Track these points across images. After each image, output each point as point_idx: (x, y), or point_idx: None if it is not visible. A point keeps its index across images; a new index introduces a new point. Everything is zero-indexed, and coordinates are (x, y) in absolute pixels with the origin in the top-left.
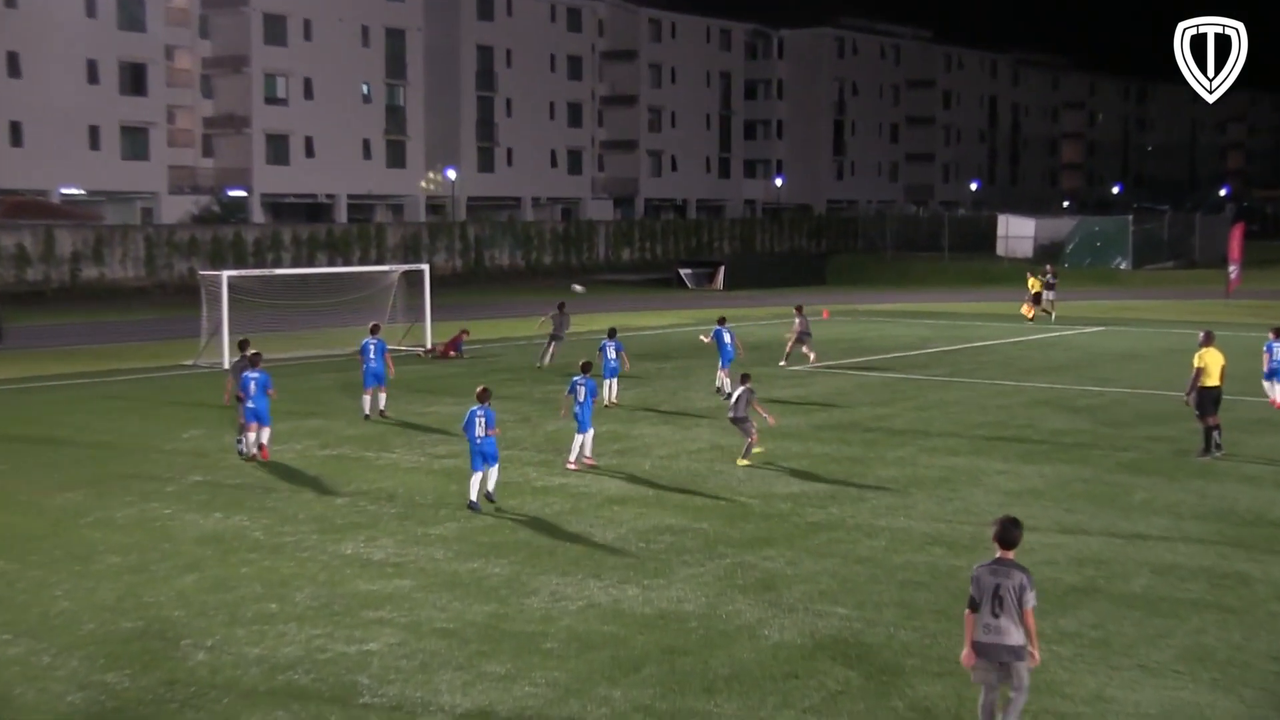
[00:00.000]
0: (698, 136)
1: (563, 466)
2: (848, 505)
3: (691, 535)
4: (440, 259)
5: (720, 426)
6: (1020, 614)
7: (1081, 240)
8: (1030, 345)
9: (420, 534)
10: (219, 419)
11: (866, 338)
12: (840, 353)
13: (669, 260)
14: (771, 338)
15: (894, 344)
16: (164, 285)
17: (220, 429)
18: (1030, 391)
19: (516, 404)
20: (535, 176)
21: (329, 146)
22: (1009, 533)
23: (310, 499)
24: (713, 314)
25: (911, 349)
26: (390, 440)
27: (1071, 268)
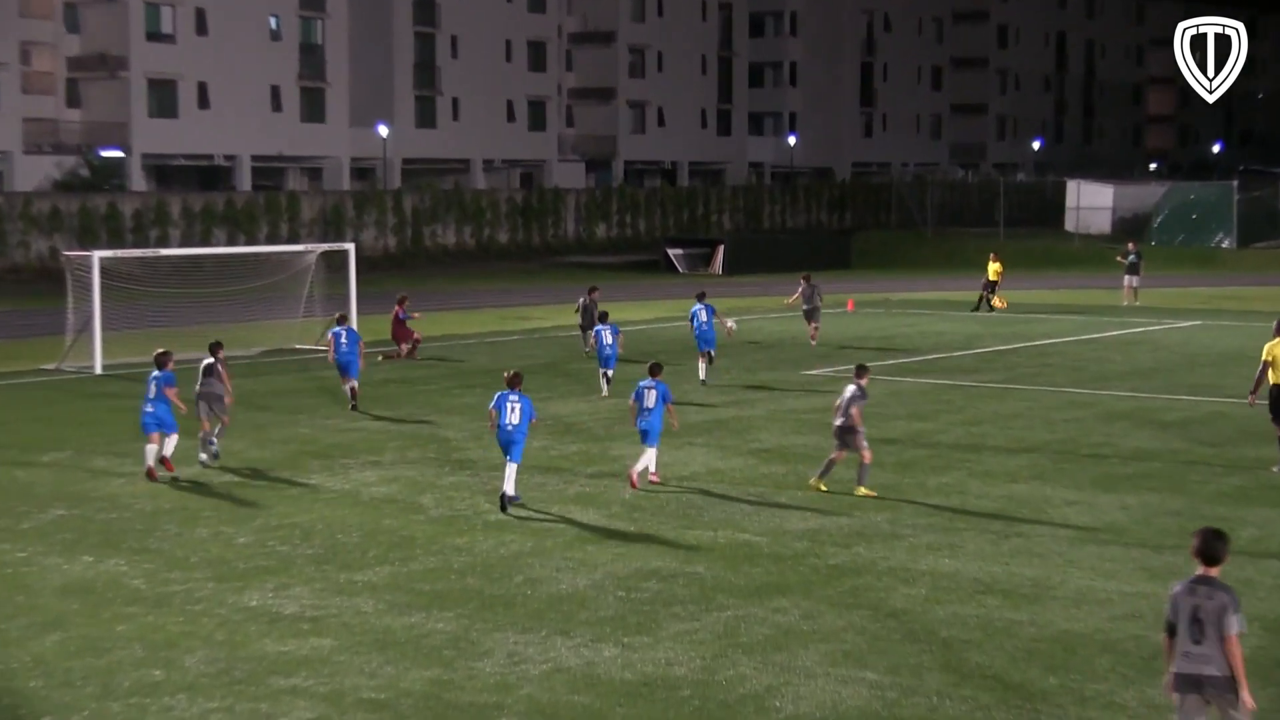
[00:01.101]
0: (691, 83)
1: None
2: (878, 544)
3: (683, 581)
4: (369, 236)
5: (720, 446)
6: (1222, 640)
7: (1172, 212)
8: (1107, 344)
9: (344, 581)
10: (91, 437)
11: (901, 334)
12: (869, 353)
13: (655, 238)
14: (783, 333)
15: (936, 343)
16: (17, 269)
17: (92, 449)
18: (1107, 402)
19: (467, 419)
20: (487, 134)
21: (228, 95)
22: (1211, 546)
23: (204, 538)
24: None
25: (958, 349)
26: (306, 463)
27: (1160, 246)
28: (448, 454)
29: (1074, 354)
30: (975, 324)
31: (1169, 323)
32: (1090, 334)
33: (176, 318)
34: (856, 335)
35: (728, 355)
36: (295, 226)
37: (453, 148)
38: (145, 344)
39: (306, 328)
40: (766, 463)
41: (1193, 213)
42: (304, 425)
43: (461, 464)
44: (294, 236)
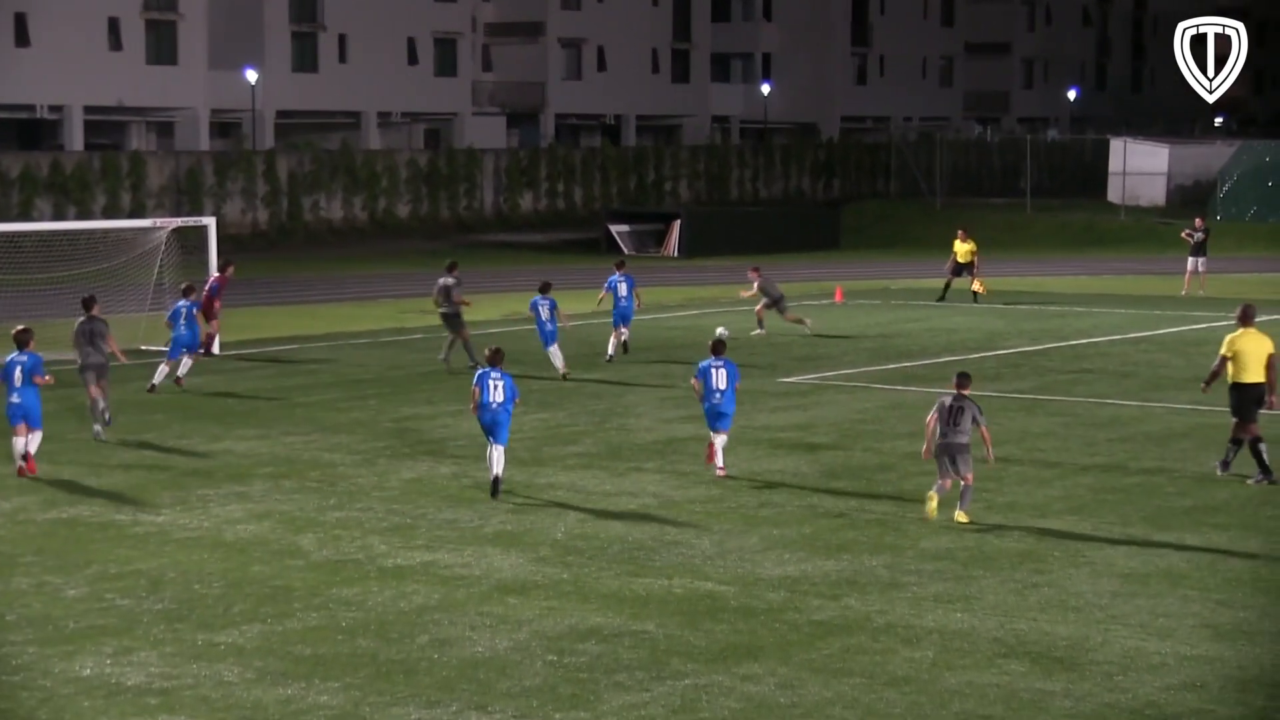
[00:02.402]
0: (639, 16)
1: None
2: (874, 595)
3: (629, 642)
4: (234, 208)
5: (675, 471)
6: None
7: (1243, 178)
8: (1162, 344)
9: (202, 643)
10: None
11: (904, 332)
12: (863, 356)
13: (593, 211)
14: (752, 331)
15: (947, 342)
16: None
17: None
18: (1163, 416)
19: (357, 436)
20: (384, 80)
21: (53, 30)
22: None
23: (24, 589)
24: (667, 296)
25: (975, 349)
26: (154, 495)
27: (1228, 220)
28: (333, 483)
29: (1120, 356)
30: (997, 318)
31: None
32: (1140, 331)
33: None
34: (847, 332)
35: (683, 358)
36: (140, 196)
37: (339, 98)
38: None
39: (155, 323)
40: (734, 493)
41: (1269, 179)
42: (151, 446)
43: (351, 495)
44: (138, 209)
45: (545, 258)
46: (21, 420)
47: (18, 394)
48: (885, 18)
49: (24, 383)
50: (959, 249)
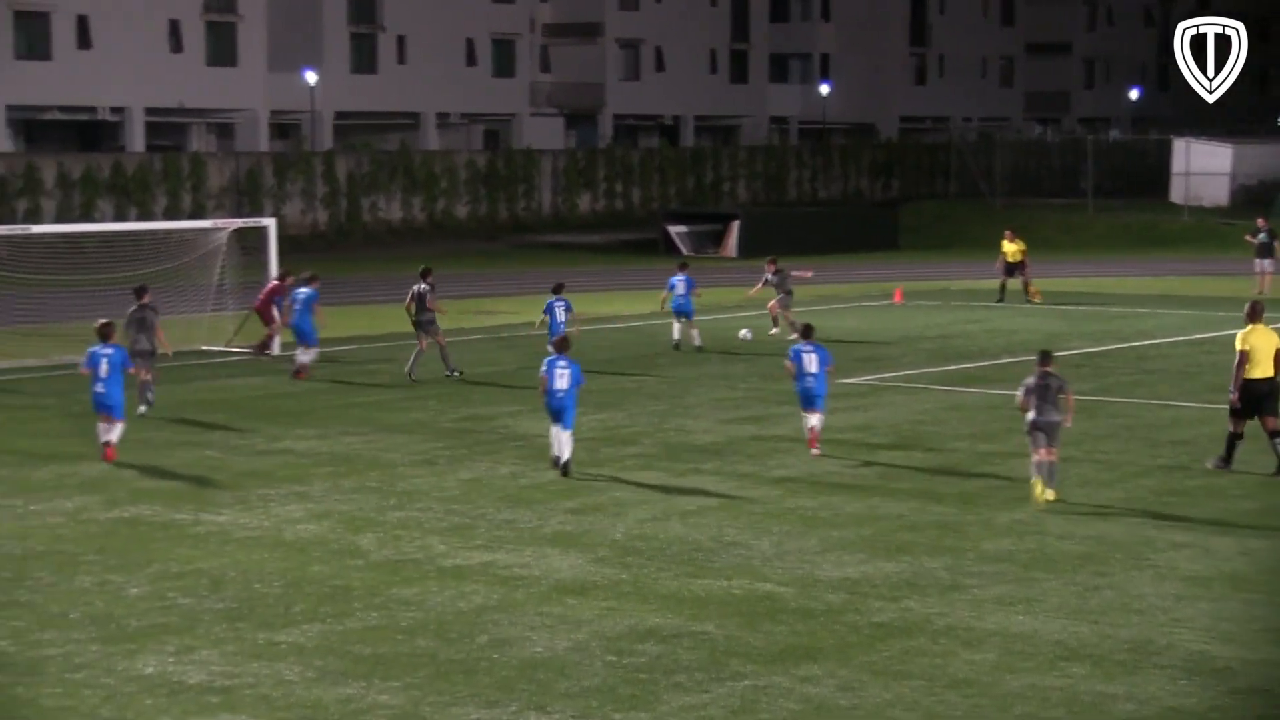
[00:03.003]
0: (698, 17)
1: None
2: (935, 597)
3: (689, 643)
4: (293, 209)
5: (735, 474)
6: None
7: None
8: (1226, 346)
9: (263, 642)
10: None
11: (963, 333)
12: (923, 357)
13: (651, 212)
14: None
15: (1007, 343)
16: None
17: None
18: (1226, 419)
19: (416, 436)
20: (442, 80)
21: (114, 31)
22: None
23: (87, 588)
24: (726, 297)
25: (1035, 351)
26: (215, 495)
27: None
28: (392, 483)
29: (1183, 358)
30: (1058, 319)
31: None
32: (1204, 332)
33: (51, 311)
34: (906, 333)
35: (743, 359)
36: (200, 197)
37: (398, 99)
38: (11, 344)
39: (216, 324)
40: (793, 494)
41: None
42: (212, 447)
43: (410, 495)
44: (199, 210)
45: (602, 258)
46: (106, 410)
47: (103, 384)
48: (945, 17)
49: (110, 374)
50: (1007, 249)
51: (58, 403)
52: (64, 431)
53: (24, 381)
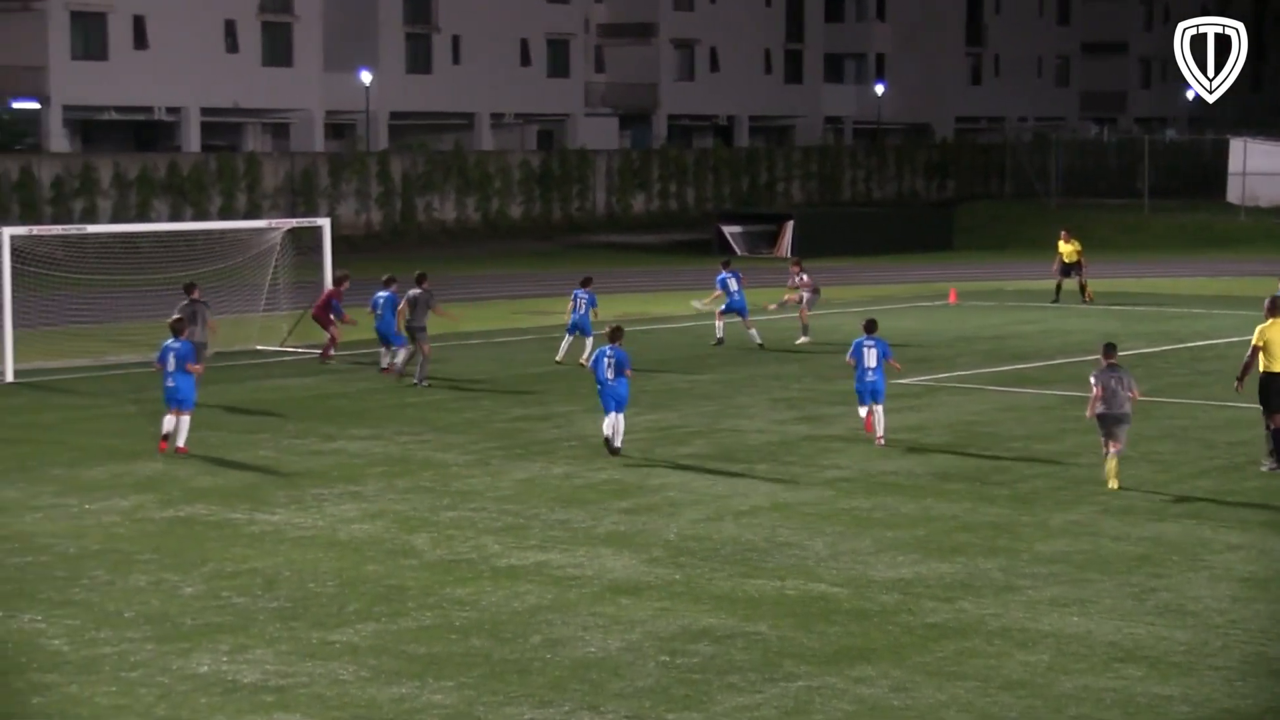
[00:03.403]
0: (752, 17)
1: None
2: (989, 598)
3: (742, 643)
4: (348, 209)
5: (787, 474)
6: None
7: None
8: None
9: (317, 641)
10: (1, 459)
11: (1018, 334)
12: (977, 358)
13: (705, 212)
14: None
15: (1062, 344)
16: None
17: (1, 475)
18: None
19: (470, 436)
20: (496, 81)
21: (170, 32)
22: None
23: (142, 587)
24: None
25: (1090, 351)
26: (270, 494)
27: None
28: (446, 483)
29: (1239, 359)
30: (1113, 320)
31: None
32: None
33: (107, 311)
34: (960, 334)
35: (795, 360)
36: (255, 197)
37: (453, 99)
38: (67, 344)
39: (270, 324)
40: (846, 495)
41: None
42: (266, 446)
43: (464, 495)
44: (254, 209)
45: (656, 259)
46: (176, 404)
47: (172, 378)
48: (1000, 17)
49: (177, 368)
50: (1063, 249)
51: (112, 402)
52: (119, 430)
53: (79, 381)
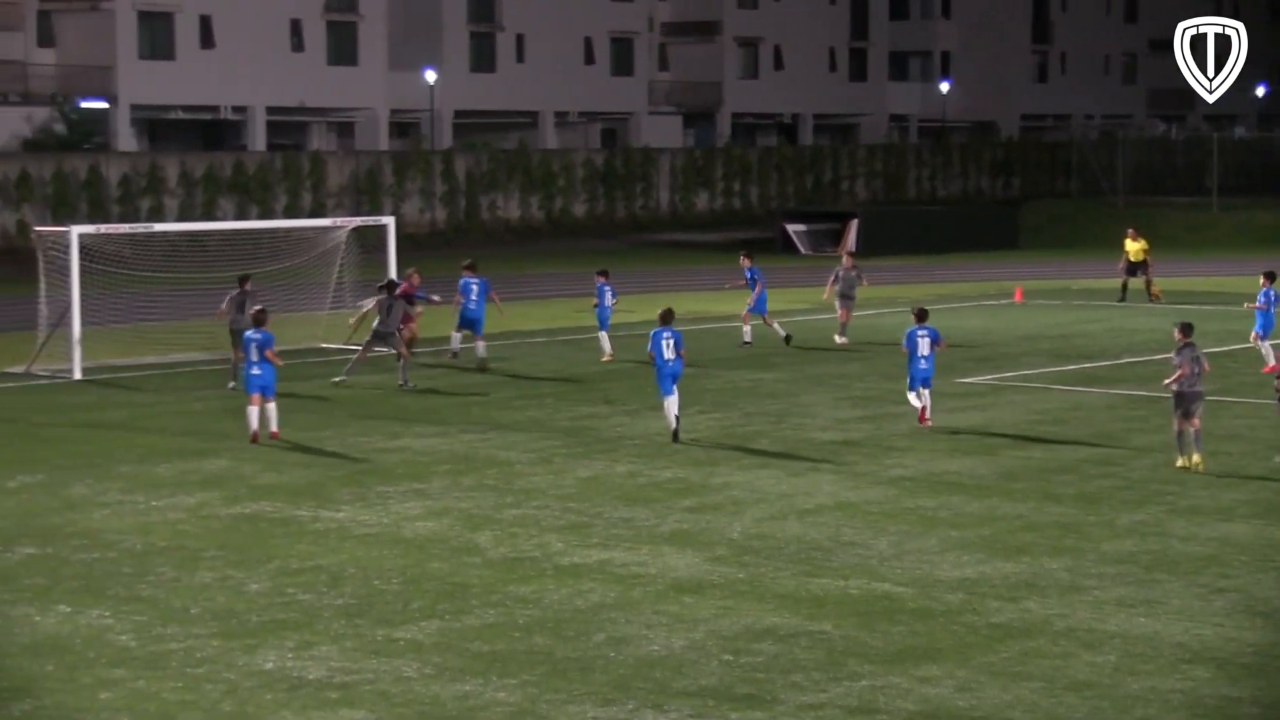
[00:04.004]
0: (816, 15)
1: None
2: (1055, 598)
3: (806, 642)
4: (412, 208)
5: (852, 473)
6: None
7: None
8: None
9: (381, 639)
10: (67, 458)
11: (1084, 333)
12: (1043, 357)
13: (769, 210)
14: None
15: (1129, 343)
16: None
17: (69, 474)
18: None
19: (533, 435)
20: (560, 79)
21: (236, 31)
22: None
23: (208, 583)
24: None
25: (1158, 350)
26: (334, 492)
27: None
28: (510, 481)
29: None
30: (1180, 319)
31: None
32: None
33: (174, 309)
34: (1026, 332)
35: (858, 358)
36: (320, 196)
37: (516, 98)
38: (135, 341)
39: (334, 321)
40: (911, 494)
41: None
42: (331, 443)
43: (527, 493)
44: (319, 208)
45: (719, 257)
46: (259, 390)
47: (257, 367)
48: (1067, 14)
49: (260, 357)
50: (1130, 248)
51: (179, 400)
52: (185, 428)
53: (146, 379)
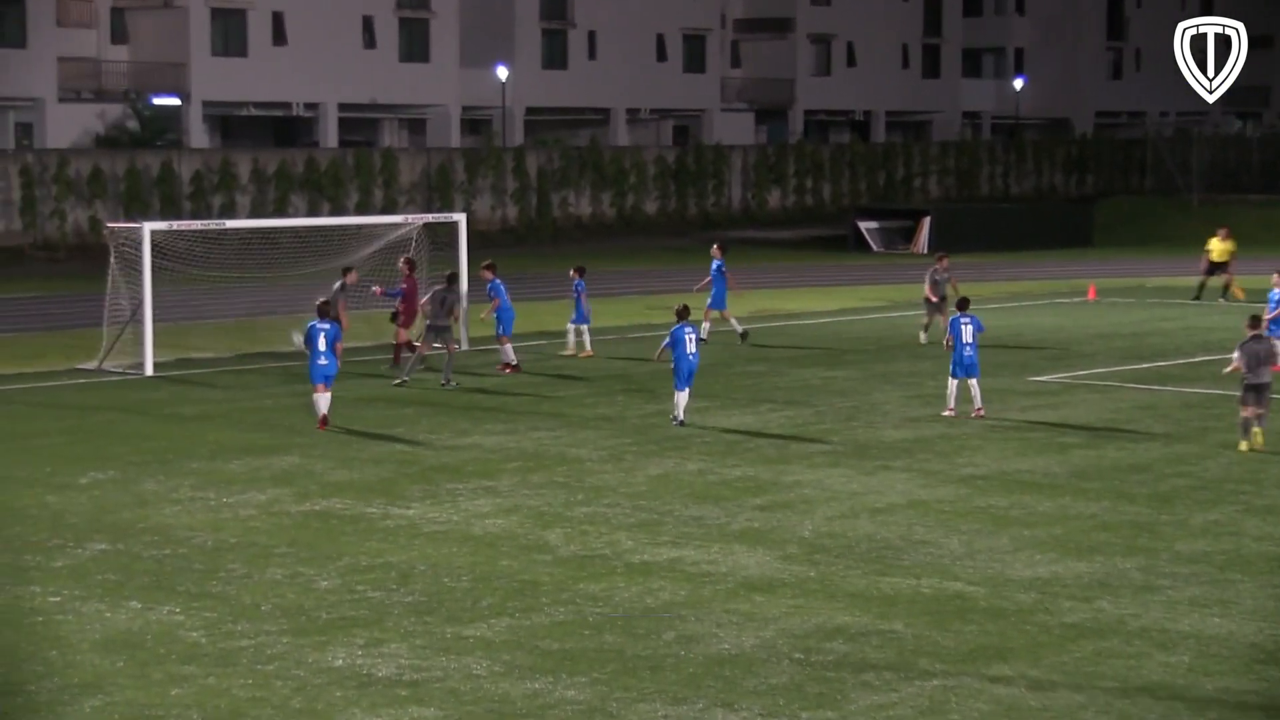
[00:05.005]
0: (889, 11)
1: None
2: (1128, 597)
3: (877, 642)
4: (483, 205)
5: (923, 471)
6: None
7: None
8: None
9: (451, 636)
10: (139, 455)
11: (1158, 331)
12: (1116, 355)
13: (842, 208)
14: (1001, 329)
15: (1204, 342)
16: (50, 244)
17: (140, 470)
18: None
19: (603, 432)
20: (632, 76)
21: (308, 28)
22: None
23: (278, 580)
24: (916, 294)
25: (1233, 349)
26: (404, 489)
27: None
28: (580, 479)
29: None
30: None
31: None
32: None
33: (245, 305)
34: (1100, 331)
35: (929, 356)
36: (392, 192)
37: (588, 94)
38: (206, 338)
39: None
40: (983, 493)
41: None
42: (401, 441)
43: (597, 491)
44: (390, 204)
45: (792, 254)
46: (323, 380)
47: (324, 357)
48: (1141, 10)
49: (327, 348)
50: (1217, 247)
51: (249, 396)
52: (256, 425)
53: (217, 375)
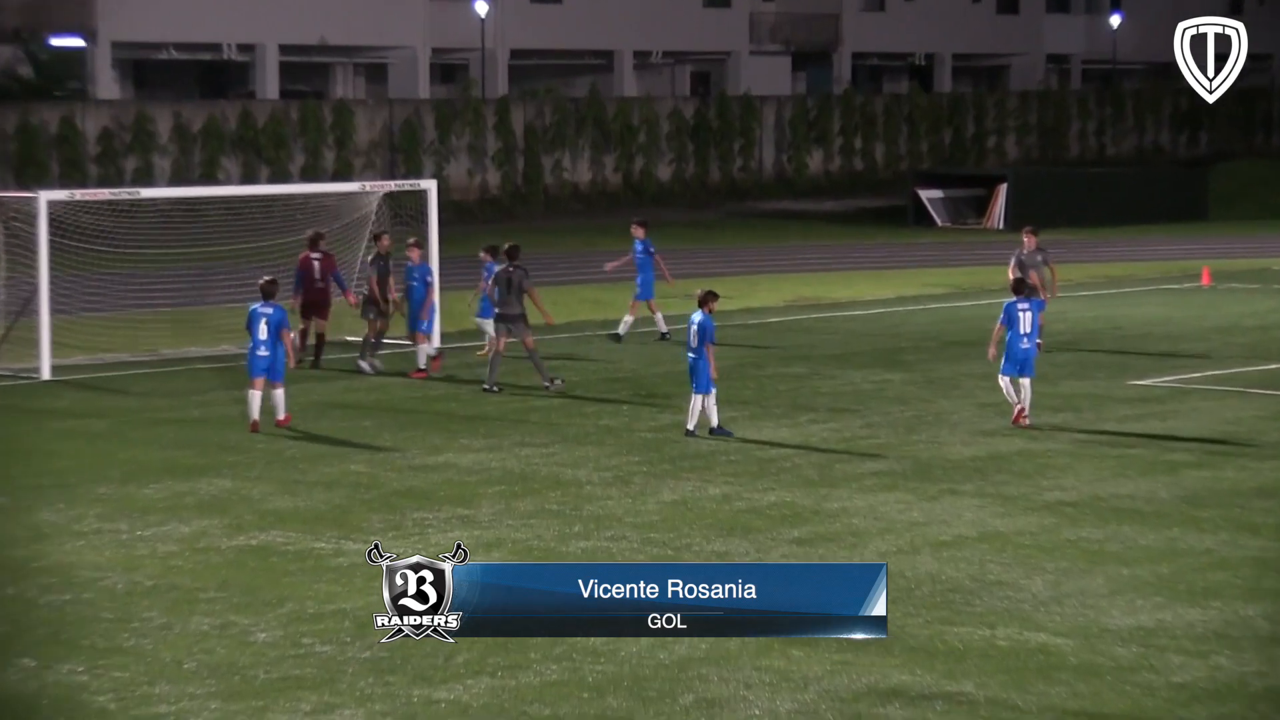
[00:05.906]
0: None
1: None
2: (1251, 652)
3: (942, 706)
4: (458, 169)
5: (999, 495)
6: None
7: None
8: None
9: (418, 700)
10: (35, 477)
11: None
12: (1237, 354)
13: (899, 173)
14: (1096, 321)
15: None
16: None
17: (37, 496)
18: None
19: (606, 449)
20: (641, 11)
21: None
22: None
23: (206, 631)
24: (990, 279)
25: None
26: (361, 519)
27: None
28: (578, 506)
29: None
30: None
31: None
32: None
33: (166, 293)
34: (1216, 324)
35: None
36: (346, 154)
37: (587, 34)
38: (117, 333)
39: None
40: (1072, 523)
41: None
42: (358, 460)
43: (599, 521)
44: (344, 169)
45: (838, 230)
46: (263, 374)
47: (265, 347)
48: None
49: (270, 336)
50: None
51: (172, 405)
52: (180, 440)
53: (132, 379)
